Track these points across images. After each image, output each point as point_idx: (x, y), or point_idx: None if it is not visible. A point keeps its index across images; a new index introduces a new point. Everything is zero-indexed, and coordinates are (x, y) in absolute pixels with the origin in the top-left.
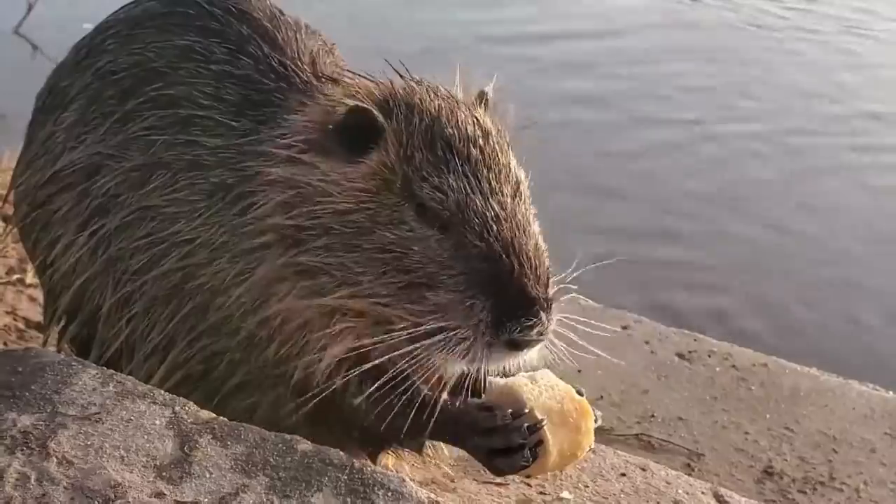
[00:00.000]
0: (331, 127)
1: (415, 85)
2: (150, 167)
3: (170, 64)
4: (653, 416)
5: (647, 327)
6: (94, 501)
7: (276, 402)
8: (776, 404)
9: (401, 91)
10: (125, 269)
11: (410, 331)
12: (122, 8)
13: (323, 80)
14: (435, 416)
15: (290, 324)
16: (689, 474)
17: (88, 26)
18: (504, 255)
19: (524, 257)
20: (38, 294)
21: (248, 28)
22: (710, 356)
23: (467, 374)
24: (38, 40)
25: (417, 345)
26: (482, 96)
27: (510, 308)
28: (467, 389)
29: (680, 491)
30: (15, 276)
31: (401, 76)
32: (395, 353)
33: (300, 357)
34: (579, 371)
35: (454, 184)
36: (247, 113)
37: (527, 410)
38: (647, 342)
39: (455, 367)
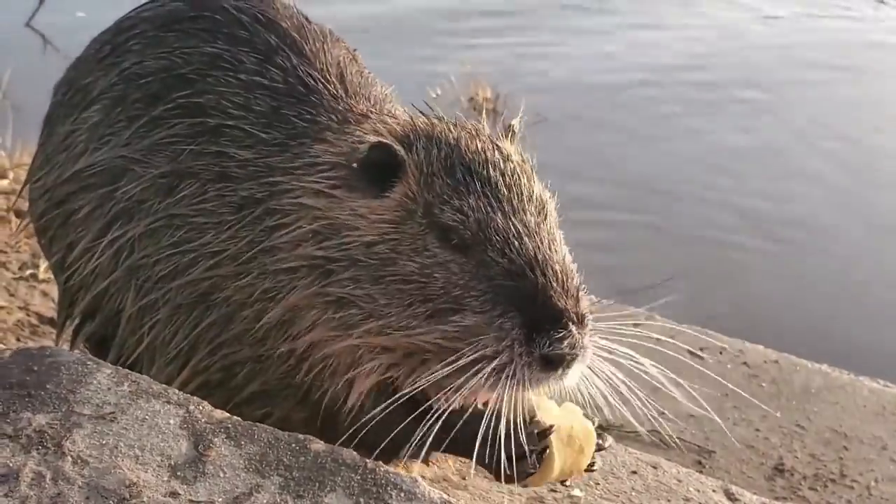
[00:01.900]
0: (355, 165)
1: (435, 120)
2: (177, 175)
3: (198, 71)
4: (663, 413)
5: (658, 324)
6: (109, 501)
7: (289, 413)
8: (787, 401)
9: (421, 125)
10: (148, 276)
11: (447, 368)
12: (144, 5)
13: (351, 95)
14: (449, 434)
15: (319, 353)
16: (700, 471)
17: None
18: (528, 270)
19: (550, 271)
20: (51, 289)
21: (276, 38)
22: (721, 353)
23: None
24: (48, 32)
25: (457, 379)
26: (509, 129)
27: (539, 323)
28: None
29: (691, 489)
30: (28, 272)
31: (422, 113)
32: (435, 391)
33: (327, 385)
34: (590, 368)
35: (474, 204)
36: (276, 125)
37: (537, 417)
38: (657, 339)
39: (495, 394)
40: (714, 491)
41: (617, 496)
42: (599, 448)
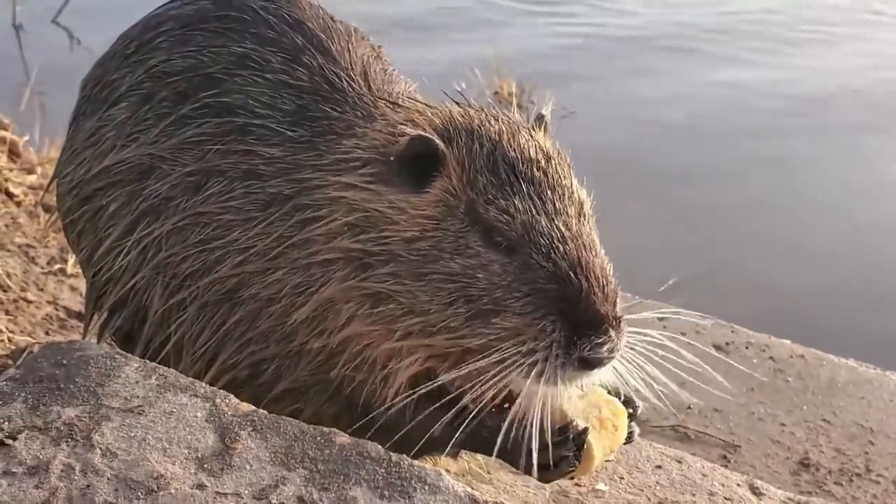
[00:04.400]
0: (393, 158)
1: (472, 111)
2: (205, 174)
3: (226, 70)
4: (689, 407)
5: (683, 318)
6: (138, 493)
7: (320, 409)
8: (813, 396)
9: (459, 117)
10: (175, 273)
11: (484, 361)
12: (171, 2)
13: (374, 92)
14: (482, 434)
15: (356, 346)
16: (725, 466)
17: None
18: (572, 275)
19: (592, 276)
20: (79, 284)
21: (302, 38)
22: (747, 348)
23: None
24: (75, 28)
25: (492, 373)
26: (541, 120)
27: (581, 327)
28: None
29: (715, 483)
30: (56, 266)
31: (457, 103)
32: (467, 380)
33: (361, 379)
34: None
35: (520, 205)
36: (303, 123)
37: (571, 421)
38: (683, 333)
39: (528, 390)
40: (739, 485)
41: (641, 490)
42: (631, 417)
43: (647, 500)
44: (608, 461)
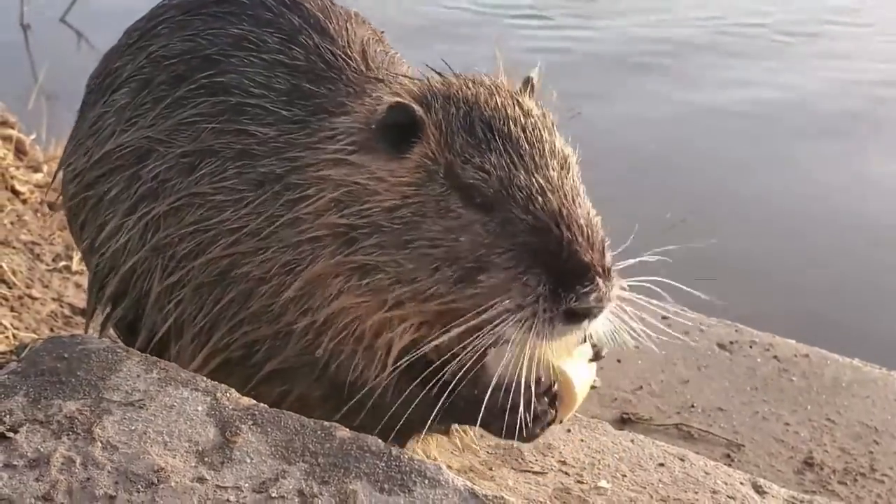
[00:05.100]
0: (373, 126)
1: (453, 78)
2: (199, 154)
3: (222, 52)
4: (693, 406)
5: (688, 317)
6: (138, 485)
7: (307, 390)
8: (817, 395)
9: (438, 84)
10: (173, 254)
11: (471, 322)
12: None
13: (373, 71)
14: (458, 404)
15: (344, 320)
16: (729, 465)
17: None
18: (553, 225)
19: (575, 226)
20: (84, 281)
21: (299, 18)
22: (751, 346)
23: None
24: (83, 28)
25: (482, 332)
26: (528, 82)
27: (566, 278)
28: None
29: (718, 481)
30: (61, 263)
31: (438, 73)
32: (457, 343)
33: (350, 351)
34: (619, 361)
35: (496, 161)
36: (297, 102)
37: (540, 376)
38: (686, 332)
39: (519, 345)
40: (742, 483)
41: (644, 488)
42: (597, 356)
43: (650, 497)
44: (611, 456)
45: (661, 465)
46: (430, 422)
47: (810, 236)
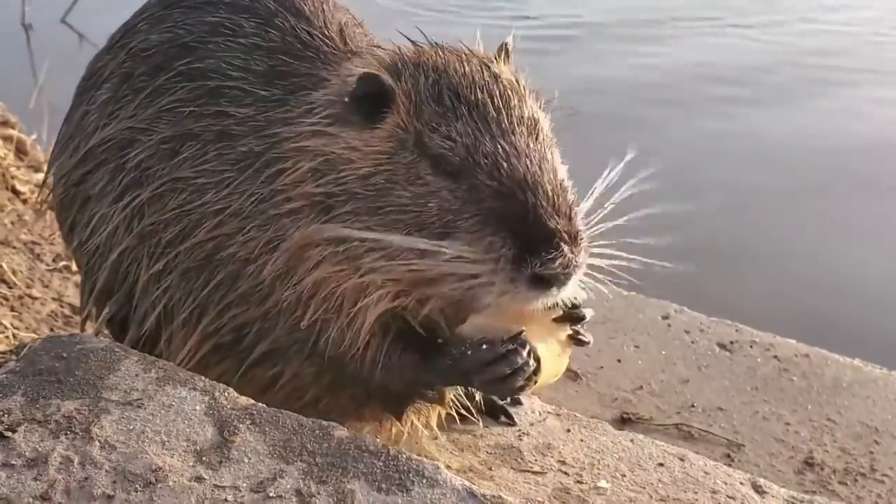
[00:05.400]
0: (346, 98)
1: (425, 47)
2: (179, 139)
3: (199, 39)
4: (693, 406)
5: (688, 317)
6: (136, 485)
7: (299, 370)
8: (818, 395)
9: (409, 53)
10: (158, 241)
11: (442, 289)
12: None
13: (349, 48)
14: (441, 363)
15: (324, 290)
16: (729, 465)
17: None
18: (517, 191)
19: (540, 191)
20: None
21: (275, 2)
22: (751, 346)
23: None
24: (83, 28)
25: (450, 294)
26: (503, 48)
27: (531, 243)
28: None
29: (718, 481)
30: (62, 263)
31: (412, 41)
32: (434, 310)
33: (333, 321)
34: (619, 361)
35: (462, 129)
36: (275, 82)
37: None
38: (687, 332)
39: (492, 306)
40: (742, 483)
41: (643, 488)
42: (579, 342)
43: (649, 497)
44: (610, 455)
45: (661, 464)
46: (416, 386)
47: (811, 235)
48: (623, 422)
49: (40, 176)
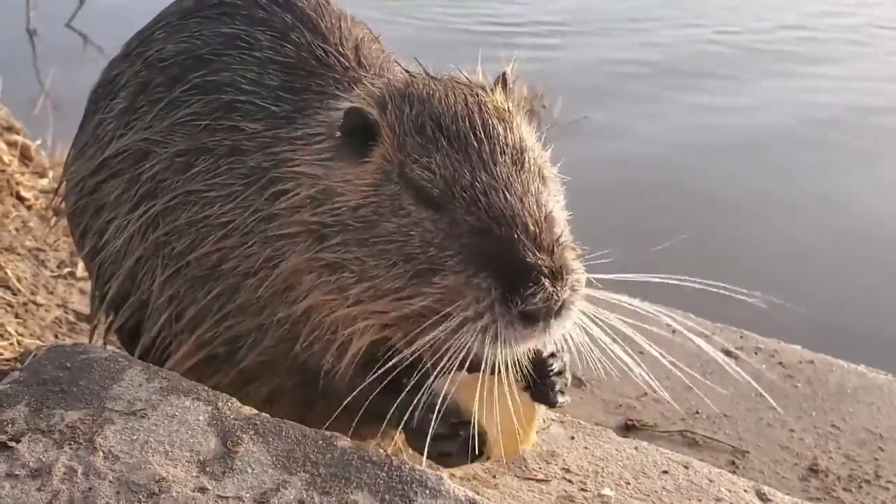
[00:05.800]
0: (338, 133)
1: (415, 77)
2: (194, 152)
3: (214, 51)
4: (697, 412)
5: (693, 323)
6: (139, 495)
7: (283, 380)
8: (822, 402)
9: (398, 84)
10: (171, 251)
11: (437, 331)
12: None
13: (365, 68)
14: (400, 410)
15: (316, 316)
16: (734, 472)
17: None
18: (496, 226)
19: (519, 225)
20: (88, 287)
21: (292, 16)
22: (756, 353)
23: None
24: (89, 33)
25: (448, 341)
26: (499, 79)
27: (513, 280)
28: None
29: (722, 489)
30: (66, 270)
31: (408, 71)
32: (428, 353)
33: (324, 347)
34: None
35: (440, 161)
36: (286, 98)
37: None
38: (691, 338)
39: (487, 353)
40: (746, 491)
41: (647, 495)
42: (556, 374)
43: None
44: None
45: (665, 472)
46: (382, 419)
47: (815, 242)
48: (627, 429)
49: (45, 182)
